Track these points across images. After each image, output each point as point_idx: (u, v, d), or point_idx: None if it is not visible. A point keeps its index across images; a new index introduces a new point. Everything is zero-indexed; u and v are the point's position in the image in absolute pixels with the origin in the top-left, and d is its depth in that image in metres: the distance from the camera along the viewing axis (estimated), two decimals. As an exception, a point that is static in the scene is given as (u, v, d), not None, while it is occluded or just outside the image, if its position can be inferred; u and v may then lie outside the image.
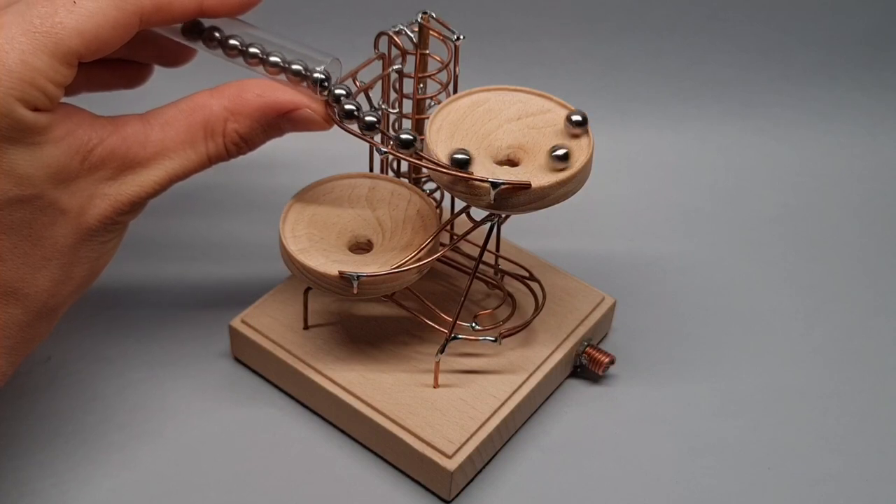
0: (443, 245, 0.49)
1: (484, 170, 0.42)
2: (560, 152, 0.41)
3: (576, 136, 0.43)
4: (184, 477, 0.46)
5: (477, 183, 0.41)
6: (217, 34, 0.43)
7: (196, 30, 0.43)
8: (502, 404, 0.47)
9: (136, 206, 0.41)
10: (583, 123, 0.43)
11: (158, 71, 0.49)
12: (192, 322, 0.53)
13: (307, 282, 0.44)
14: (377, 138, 0.42)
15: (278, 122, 0.42)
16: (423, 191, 0.49)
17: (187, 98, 0.42)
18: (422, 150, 0.42)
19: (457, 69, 0.47)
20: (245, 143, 0.43)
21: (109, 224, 0.41)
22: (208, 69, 0.49)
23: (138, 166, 0.41)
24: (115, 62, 0.47)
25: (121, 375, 0.50)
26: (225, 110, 0.42)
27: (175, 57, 0.47)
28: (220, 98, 0.42)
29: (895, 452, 0.49)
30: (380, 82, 0.46)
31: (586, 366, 0.51)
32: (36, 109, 0.37)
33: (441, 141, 0.43)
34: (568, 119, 0.43)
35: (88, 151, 0.39)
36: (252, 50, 0.42)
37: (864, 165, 0.66)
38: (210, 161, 0.42)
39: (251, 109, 0.42)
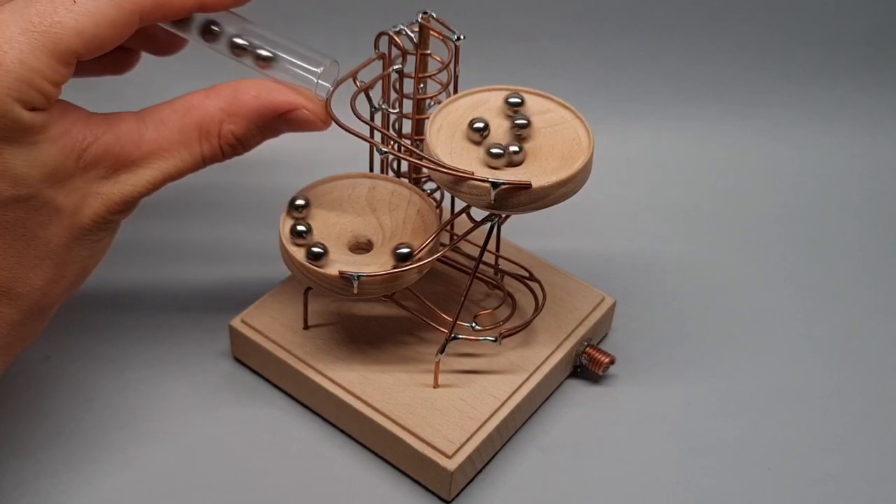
0: (443, 245, 0.49)
1: (484, 170, 0.42)
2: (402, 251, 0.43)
3: (510, 117, 0.44)
4: (184, 477, 0.46)
5: (477, 183, 0.41)
6: (216, 28, 0.43)
7: (195, 23, 0.43)
8: (502, 404, 0.46)
9: (128, 205, 0.41)
10: (520, 104, 0.44)
11: (154, 63, 0.48)
12: (192, 322, 0.53)
13: (307, 282, 0.44)
14: (377, 137, 0.42)
15: (274, 122, 0.42)
16: (423, 191, 0.49)
17: (182, 97, 0.42)
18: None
19: (457, 69, 0.47)
20: (241, 144, 0.42)
21: (102, 223, 0.40)
22: (202, 63, 0.48)
23: (132, 165, 0.40)
24: None
25: (121, 375, 0.50)
26: (221, 111, 0.41)
27: (165, 46, 0.47)
28: (215, 99, 0.41)
29: (895, 452, 0.49)
30: (380, 82, 0.46)
31: (586, 366, 0.51)
32: (33, 109, 0.37)
33: (441, 141, 0.43)
34: (506, 101, 0.44)
35: (83, 150, 0.39)
36: (257, 51, 0.42)
37: (864, 165, 0.66)
38: (204, 162, 0.42)
39: (247, 110, 0.41)
